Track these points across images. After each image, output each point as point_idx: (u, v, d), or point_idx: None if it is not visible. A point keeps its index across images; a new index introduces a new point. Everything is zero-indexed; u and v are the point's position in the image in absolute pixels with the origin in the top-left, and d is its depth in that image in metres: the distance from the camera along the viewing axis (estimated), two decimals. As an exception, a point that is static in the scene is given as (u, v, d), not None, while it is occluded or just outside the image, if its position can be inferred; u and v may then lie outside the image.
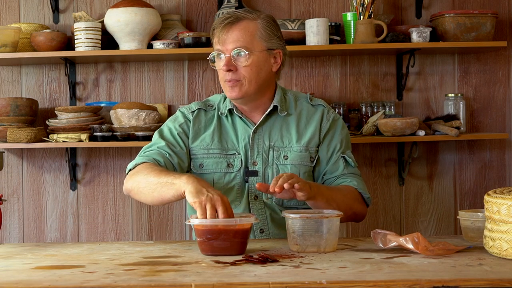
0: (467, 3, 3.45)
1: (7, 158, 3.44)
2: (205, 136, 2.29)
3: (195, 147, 2.29)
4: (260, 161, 2.25)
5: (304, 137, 2.28)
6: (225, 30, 2.19)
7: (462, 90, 3.46)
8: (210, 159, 2.27)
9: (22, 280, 1.61)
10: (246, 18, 2.20)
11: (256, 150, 2.26)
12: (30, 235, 3.46)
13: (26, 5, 3.45)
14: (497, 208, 1.78)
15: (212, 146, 2.27)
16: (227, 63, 2.18)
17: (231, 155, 2.26)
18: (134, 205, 3.46)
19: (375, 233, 1.96)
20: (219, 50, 2.21)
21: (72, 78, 3.41)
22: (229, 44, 2.19)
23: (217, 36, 2.21)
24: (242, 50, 2.18)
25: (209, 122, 2.31)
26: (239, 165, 2.25)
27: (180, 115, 2.35)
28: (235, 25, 2.19)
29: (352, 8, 3.26)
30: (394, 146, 3.46)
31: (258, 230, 2.26)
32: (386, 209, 3.46)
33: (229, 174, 2.25)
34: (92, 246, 2.10)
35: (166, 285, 1.54)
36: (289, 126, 2.29)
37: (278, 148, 2.27)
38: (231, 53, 2.19)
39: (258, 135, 2.27)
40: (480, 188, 3.48)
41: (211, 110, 2.34)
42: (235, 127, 2.29)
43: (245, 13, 2.22)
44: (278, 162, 2.25)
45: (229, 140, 2.28)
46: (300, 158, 2.26)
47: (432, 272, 1.63)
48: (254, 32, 2.20)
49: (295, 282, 1.53)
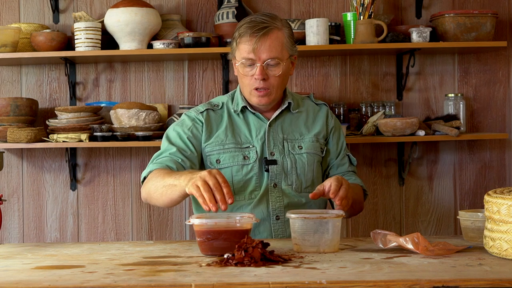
0: (467, 3, 3.45)
1: (7, 158, 3.44)
2: (218, 134, 2.36)
3: (210, 145, 2.35)
4: (277, 152, 2.36)
5: (313, 130, 2.44)
6: (258, 39, 2.24)
7: (462, 90, 3.46)
8: (226, 153, 2.34)
9: (22, 280, 1.61)
10: (275, 27, 2.28)
11: (272, 141, 2.37)
12: (30, 235, 3.46)
13: (26, 5, 3.45)
14: (497, 208, 1.78)
15: (227, 141, 2.35)
16: (261, 73, 2.27)
17: (245, 148, 2.35)
18: (134, 205, 3.46)
19: (375, 233, 1.96)
20: (251, 59, 2.27)
21: (72, 78, 3.41)
22: (263, 53, 2.26)
23: (248, 44, 2.26)
24: (276, 60, 2.27)
25: (220, 120, 2.39)
26: (255, 156, 2.34)
27: (187, 118, 2.40)
28: (268, 35, 2.25)
29: (352, 8, 3.26)
30: (394, 146, 3.46)
31: (275, 217, 2.33)
32: (386, 209, 3.46)
33: (246, 166, 2.33)
34: (92, 246, 2.10)
35: (166, 285, 1.54)
36: (298, 122, 2.42)
37: (291, 140, 2.39)
38: (263, 63, 2.26)
39: (273, 129, 2.38)
40: (480, 188, 3.48)
41: (218, 109, 2.42)
42: (247, 122, 2.39)
43: (272, 21, 2.28)
44: (294, 152, 2.37)
45: (242, 135, 2.37)
46: (314, 147, 2.40)
47: (432, 272, 1.63)
48: (283, 42, 2.29)
49: (295, 282, 1.53)
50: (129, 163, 3.45)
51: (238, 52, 2.30)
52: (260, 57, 2.26)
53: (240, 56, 2.29)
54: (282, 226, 2.33)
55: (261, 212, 2.32)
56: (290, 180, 2.34)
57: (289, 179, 2.34)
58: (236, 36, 2.30)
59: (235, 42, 2.31)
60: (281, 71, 2.28)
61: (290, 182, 2.34)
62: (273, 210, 2.33)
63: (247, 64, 2.28)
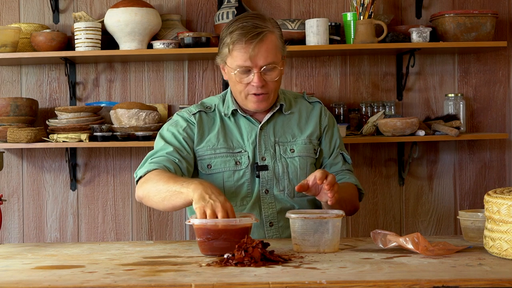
0: (467, 3, 3.45)
1: (7, 158, 3.44)
2: (210, 137, 2.31)
3: (201, 149, 2.31)
4: (269, 156, 2.31)
5: (306, 131, 2.37)
6: (254, 46, 2.17)
7: (462, 90, 3.46)
8: (218, 158, 2.29)
9: (22, 280, 1.61)
10: (267, 30, 2.19)
11: (264, 146, 2.31)
12: (30, 235, 3.46)
13: (26, 5, 3.45)
14: (497, 208, 1.78)
15: (219, 146, 2.30)
16: (259, 79, 2.20)
17: (237, 153, 2.30)
18: (134, 205, 3.46)
19: (375, 233, 1.96)
20: (247, 66, 2.20)
21: (72, 78, 3.41)
22: (260, 60, 2.19)
23: (243, 51, 2.18)
24: (274, 66, 2.21)
25: (212, 124, 2.34)
26: (246, 162, 2.29)
27: (181, 119, 2.35)
28: (263, 40, 2.18)
29: (352, 8, 3.26)
30: (394, 146, 3.46)
31: (268, 224, 2.30)
32: (386, 209, 3.46)
33: (238, 171, 2.29)
34: (92, 246, 2.10)
35: (166, 285, 1.54)
36: (290, 123, 2.36)
37: (283, 143, 2.34)
38: (261, 69, 2.20)
39: (264, 132, 2.33)
40: (480, 188, 3.48)
41: (210, 111, 2.36)
42: (238, 126, 2.33)
43: (264, 24, 2.20)
44: (285, 156, 2.32)
45: (234, 139, 2.31)
46: (306, 150, 2.35)
47: (432, 272, 1.63)
48: (277, 45, 2.22)
49: (295, 282, 1.53)
50: (129, 163, 3.45)
51: (232, 59, 2.21)
52: (257, 64, 2.18)
53: (234, 64, 2.20)
54: (276, 232, 2.29)
55: None
56: (282, 186, 2.30)
57: (281, 185, 2.30)
58: (228, 42, 2.19)
59: (227, 48, 2.20)
60: (278, 74, 2.23)
61: (282, 187, 2.30)
62: (266, 217, 2.29)
63: (243, 71, 2.21)
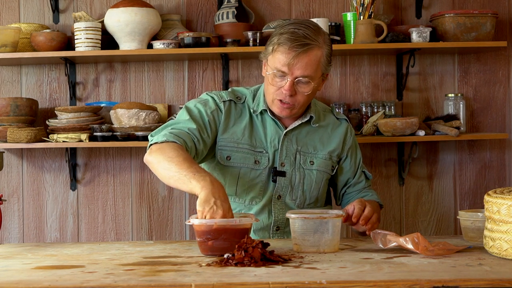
0: (467, 3, 3.45)
1: (7, 158, 3.44)
2: (236, 130, 2.30)
3: (224, 139, 2.30)
4: (288, 163, 2.31)
5: (328, 146, 2.37)
6: (296, 55, 2.16)
7: (462, 90, 3.46)
8: (239, 153, 2.29)
9: (22, 280, 1.61)
10: (315, 45, 2.18)
11: (285, 152, 2.31)
12: (30, 235, 3.46)
13: (26, 5, 3.45)
14: (497, 208, 1.78)
15: (242, 141, 2.30)
16: (290, 88, 2.20)
17: (258, 153, 2.30)
18: (134, 205, 3.46)
19: (375, 233, 1.96)
20: (283, 72, 2.19)
21: (72, 78, 3.41)
22: (297, 70, 2.18)
23: (285, 56, 2.17)
24: (308, 80, 2.20)
25: (239, 116, 2.33)
26: (266, 163, 2.29)
27: (211, 100, 2.32)
28: (307, 53, 2.17)
29: (352, 8, 3.26)
30: (394, 146, 3.46)
31: (275, 228, 2.32)
32: (386, 209, 3.46)
33: (255, 170, 2.29)
34: (92, 246, 2.10)
35: (166, 285, 1.54)
36: (315, 135, 2.36)
37: (305, 153, 2.34)
38: (295, 79, 2.19)
39: (288, 138, 2.32)
40: (480, 188, 3.48)
41: (240, 103, 2.35)
42: (265, 126, 2.33)
43: (315, 38, 2.19)
44: (304, 167, 2.33)
45: (257, 138, 2.31)
46: (325, 165, 2.36)
47: (432, 272, 1.63)
48: (319, 61, 2.21)
49: (295, 282, 1.53)
50: (129, 163, 3.45)
51: (272, 60, 2.20)
52: (293, 72, 2.17)
53: (273, 65, 2.20)
54: (281, 236, 2.32)
55: (262, 221, 2.30)
56: (295, 195, 2.31)
57: (294, 194, 2.31)
58: (275, 42, 2.19)
59: (271, 47, 2.20)
60: (310, 90, 2.21)
61: (295, 197, 2.32)
62: (275, 222, 2.31)
63: (278, 75, 2.20)
